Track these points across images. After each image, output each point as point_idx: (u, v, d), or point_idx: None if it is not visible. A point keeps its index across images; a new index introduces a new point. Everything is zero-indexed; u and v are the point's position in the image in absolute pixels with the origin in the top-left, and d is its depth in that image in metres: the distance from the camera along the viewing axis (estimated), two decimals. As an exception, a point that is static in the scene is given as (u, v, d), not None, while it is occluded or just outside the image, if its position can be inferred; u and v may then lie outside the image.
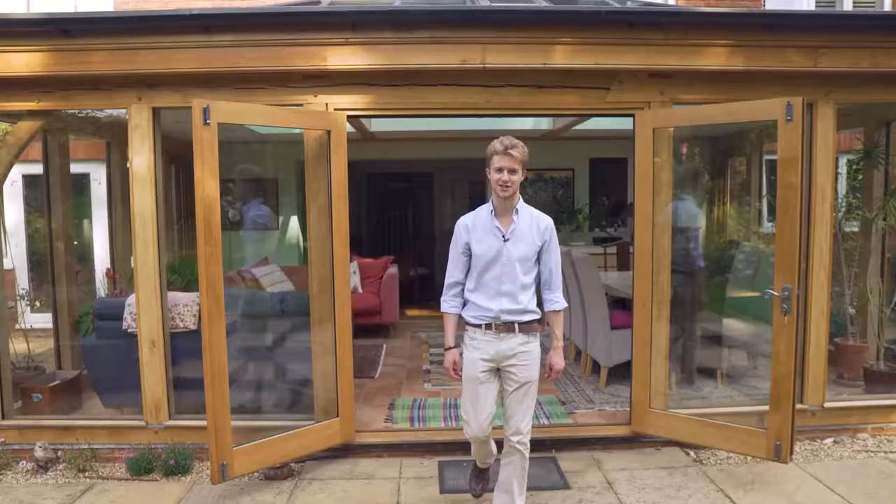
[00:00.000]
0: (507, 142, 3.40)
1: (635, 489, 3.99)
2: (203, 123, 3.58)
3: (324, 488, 4.07)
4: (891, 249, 8.53)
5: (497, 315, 3.43)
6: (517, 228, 3.47)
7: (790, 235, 3.84)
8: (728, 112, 4.24)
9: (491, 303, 3.45)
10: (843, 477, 4.13)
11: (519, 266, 3.44)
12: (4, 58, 4.14)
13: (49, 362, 5.79)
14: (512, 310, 3.43)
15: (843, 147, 6.56)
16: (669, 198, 4.49)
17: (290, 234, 9.31)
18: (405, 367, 6.52)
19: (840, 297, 5.69)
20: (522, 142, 3.43)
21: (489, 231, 3.48)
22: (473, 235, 3.51)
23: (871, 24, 4.43)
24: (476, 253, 3.48)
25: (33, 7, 9.07)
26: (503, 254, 3.44)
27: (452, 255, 3.60)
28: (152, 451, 4.36)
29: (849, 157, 6.97)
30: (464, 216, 3.62)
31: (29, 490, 4.13)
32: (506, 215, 3.49)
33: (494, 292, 3.45)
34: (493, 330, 3.45)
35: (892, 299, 5.67)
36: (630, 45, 4.24)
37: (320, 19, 4.19)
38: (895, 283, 5.83)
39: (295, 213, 9.26)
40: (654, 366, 4.50)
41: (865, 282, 5.63)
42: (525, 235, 3.47)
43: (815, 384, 4.66)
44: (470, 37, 4.17)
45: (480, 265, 3.47)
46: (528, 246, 3.47)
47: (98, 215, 8.38)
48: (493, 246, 3.45)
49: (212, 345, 3.67)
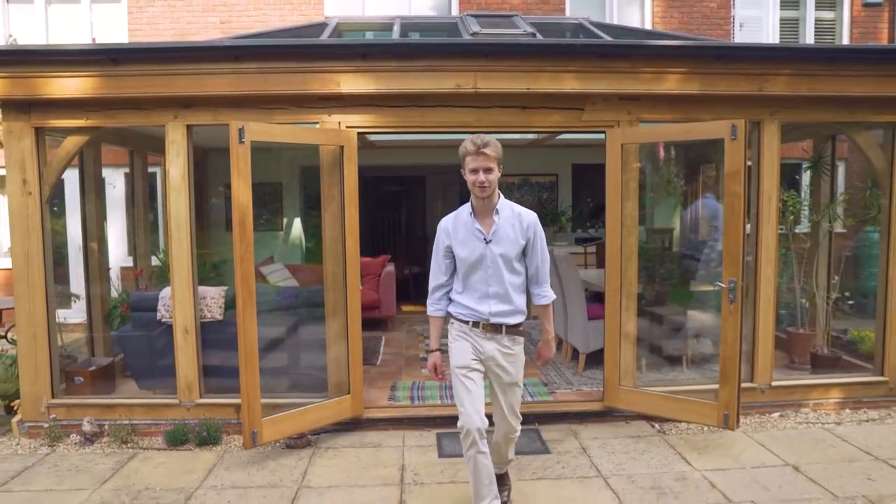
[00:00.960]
0: (478, 141, 3.30)
1: (605, 453, 4.67)
2: (239, 141, 4.23)
3: (338, 455, 4.72)
4: (848, 248, 9.33)
5: (487, 317, 3.44)
6: (499, 229, 3.41)
7: (735, 236, 4.53)
8: (683, 131, 4.95)
9: (479, 305, 3.44)
10: (783, 442, 4.82)
11: (504, 267, 3.42)
12: (60, 82, 4.77)
13: (78, 352, 6.38)
14: (502, 311, 3.44)
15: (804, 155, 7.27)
16: (637, 204, 5.16)
17: (293, 234, 9.92)
18: (403, 356, 7.17)
19: (792, 292, 6.42)
20: (501, 145, 3.38)
21: (470, 233, 3.43)
22: (455, 238, 3.47)
23: (807, 55, 5.13)
24: (460, 256, 3.45)
25: (51, 33, 9.65)
26: (487, 255, 3.40)
27: (435, 257, 3.58)
28: (186, 425, 4.99)
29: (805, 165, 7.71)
30: (444, 218, 3.59)
31: (81, 458, 4.75)
32: (486, 216, 3.43)
33: (481, 294, 3.44)
34: (481, 329, 3.45)
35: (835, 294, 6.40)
36: (602, 72, 4.93)
37: (334, 50, 4.85)
38: (846, 279, 6.56)
39: (298, 216, 9.89)
40: (623, 349, 5.19)
41: (813, 278, 6.34)
42: (508, 235, 3.42)
43: (763, 366, 5.36)
44: (463, 65, 4.84)
45: (464, 268, 3.46)
46: (512, 245, 3.43)
47: (112, 217, 8.94)
48: (475, 249, 3.41)
49: (245, 329, 4.31)
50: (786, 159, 6.90)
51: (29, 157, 4.96)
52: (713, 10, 9.96)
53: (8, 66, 4.76)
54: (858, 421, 5.26)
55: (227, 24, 9.53)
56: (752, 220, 5.31)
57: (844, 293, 8.22)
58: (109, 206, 9.21)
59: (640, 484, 4.14)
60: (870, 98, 5.14)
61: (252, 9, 9.50)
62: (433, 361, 3.62)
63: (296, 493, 4.07)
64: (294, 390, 5.51)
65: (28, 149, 4.95)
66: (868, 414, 5.40)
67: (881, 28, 10.20)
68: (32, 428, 5.11)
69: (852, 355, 6.20)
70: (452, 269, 3.55)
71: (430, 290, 3.65)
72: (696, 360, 6.46)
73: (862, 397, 5.50)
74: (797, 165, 8.44)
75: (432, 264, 3.62)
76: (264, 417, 4.52)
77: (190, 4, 9.50)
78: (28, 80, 4.78)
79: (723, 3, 10.01)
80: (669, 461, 4.52)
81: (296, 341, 5.84)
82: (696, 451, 4.69)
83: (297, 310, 5.88)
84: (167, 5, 9.50)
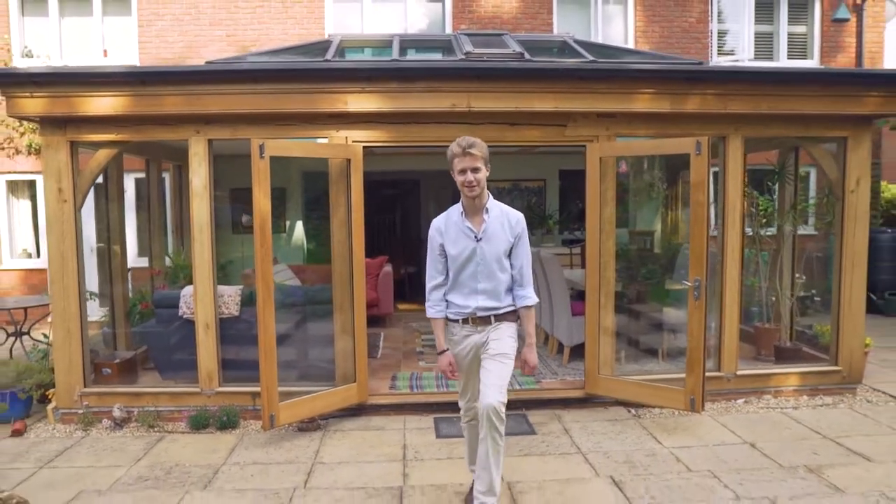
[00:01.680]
0: (464, 143, 3.46)
1: (585, 434, 5.23)
2: (259, 157, 4.77)
3: (345, 436, 5.26)
4: (819, 250, 9.96)
5: (473, 311, 3.60)
6: (489, 227, 3.56)
7: (699, 239, 5.10)
8: (655, 146, 5.52)
9: (467, 300, 3.60)
10: (744, 425, 5.40)
11: (494, 264, 3.56)
12: (95, 101, 5.29)
13: (97, 346, 6.86)
14: (489, 307, 3.60)
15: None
16: (614, 210, 5.71)
17: (295, 236, 10.45)
18: (401, 350, 7.72)
19: (759, 290, 7.01)
20: (491, 151, 3.58)
21: (461, 232, 3.57)
22: (447, 237, 3.61)
23: (766, 77, 5.72)
24: (451, 254, 3.60)
25: (64, 45, 10.15)
26: (477, 253, 3.55)
27: (430, 258, 3.71)
28: (207, 411, 5.51)
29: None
30: (436, 219, 3.73)
31: (114, 440, 5.27)
32: (476, 215, 3.58)
33: (470, 290, 3.59)
34: (471, 324, 3.61)
35: (802, 292, 6.98)
36: (582, 93, 5.49)
37: (343, 73, 5.39)
38: (816, 279, 7.14)
39: (300, 219, 10.42)
40: (601, 342, 5.75)
41: (776, 277, 6.92)
42: (497, 233, 3.57)
43: (729, 356, 5.92)
44: (458, 87, 5.39)
45: (455, 265, 3.60)
46: (501, 243, 3.58)
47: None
48: (467, 246, 3.56)
49: (265, 323, 4.85)
50: (763, 166, 7.53)
51: (64, 168, 5.47)
52: (692, 24, 10.55)
53: (48, 87, 5.28)
54: (814, 406, 5.84)
55: (232, 36, 10.05)
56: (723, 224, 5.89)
57: (811, 291, 8.85)
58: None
59: (615, 459, 4.70)
60: (822, 115, 5.73)
61: (256, 23, 10.02)
62: (447, 360, 3.67)
63: (311, 468, 4.61)
64: (304, 380, 6.04)
65: (64, 160, 5.46)
66: (823, 400, 5.98)
67: (849, 42, 10.82)
68: (66, 414, 5.62)
69: (814, 348, 6.78)
70: (447, 267, 3.68)
71: (429, 292, 3.74)
72: (671, 352, 7.03)
73: (818, 385, 6.08)
74: (771, 171, 9.05)
75: (427, 265, 3.74)
76: (280, 402, 5.06)
77: (197, 18, 10.01)
78: (66, 99, 5.30)
79: (701, 18, 10.61)
80: (642, 440, 5.08)
81: (305, 335, 6.37)
82: (667, 432, 5.25)
83: (306, 307, 6.40)
84: (175, 19, 10.00)
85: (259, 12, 10.05)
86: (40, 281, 10.20)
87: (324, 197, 5.67)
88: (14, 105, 5.34)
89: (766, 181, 7.48)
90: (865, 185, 5.95)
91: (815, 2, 10.88)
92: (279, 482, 4.37)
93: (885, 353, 7.67)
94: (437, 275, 3.69)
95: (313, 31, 10.05)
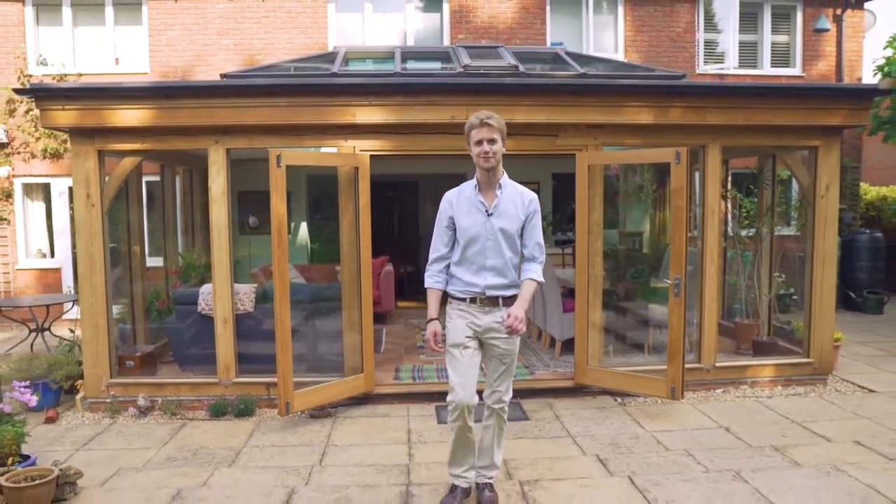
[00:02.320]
0: (482, 115, 3.50)
1: (575, 419, 5.69)
2: (277, 166, 5.21)
3: (354, 423, 5.71)
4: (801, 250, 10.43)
5: (482, 290, 3.55)
6: (500, 203, 3.55)
7: (679, 241, 5.56)
8: (638, 156, 5.99)
9: (475, 278, 3.55)
10: (721, 411, 5.87)
11: (504, 240, 3.53)
12: (122, 114, 5.73)
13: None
14: (497, 284, 3.55)
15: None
16: (601, 215, 6.17)
17: (299, 237, 10.88)
18: (403, 345, 8.17)
19: (741, 288, 7.49)
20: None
21: (473, 205, 3.56)
22: (458, 209, 3.59)
23: (742, 91, 6.20)
24: (460, 226, 3.56)
25: (77, 52, 10.57)
26: (487, 228, 3.51)
27: (437, 229, 3.67)
28: (225, 400, 5.96)
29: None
30: (449, 191, 3.72)
31: (139, 428, 5.71)
32: (489, 189, 3.57)
33: (479, 267, 3.54)
34: (478, 304, 3.57)
35: (781, 289, 7.46)
36: (572, 106, 5.95)
37: (352, 88, 5.84)
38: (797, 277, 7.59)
39: (304, 220, 10.85)
40: (590, 336, 6.21)
41: (755, 275, 7.40)
42: (508, 210, 3.55)
43: (708, 349, 6.39)
44: (457, 100, 5.84)
45: (464, 239, 3.56)
46: (512, 220, 3.55)
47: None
48: (477, 220, 3.53)
49: (281, 317, 5.30)
50: (748, 170, 8.01)
51: (92, 175, 5.90)
52: (679, 34, 11.04)
53: (78, 100, 5.71)
54: (787, 395, 6.31)
55: (239, 45, 10.49)
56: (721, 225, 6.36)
57: (791, 289, 9.32)
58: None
59: (601, 441, 5.17)
60: (795, 126, 6.20)
61: (262, 32, 10.47)
62: (432, 329, 3.64)
63: (324, 449, 5.07)
64: (313, 371, 6.48)
65: (92, 168, 5.90)
66: (795, 389, 6.46)
67: (830, 51, 11.33)
68: (94, 403, 6.05)
69: (790, 342, 7.23)
70: (453, 241, 3.66)
71: (430, 261, 3.73)
72: (656, 346, 7.49)
73: (791, 376, 6.56)
74: (753, 175, 9.55)
75: (434, 236, 3.70)
76: (296, 391, 5.51)
77: (205, 28, 10.45)
78: (95, 112, 5.74)
79: (688, 28, 11.10)
80: (626, 425, 5.55)
81: (314, 330, 6.82)
82: (649, 418, 5.72)
83: (313, 304, 6.83)
84: (185, 29, 10.44)
85: (265, 22, 10.49)
86: (54, 280, 10.64)
87: (325, 199, 6.11)
88: (47, 117, 5.76)
89: (746, 185, 7.96)
90: (835, 190, 6.42)
91: (797, 12, 11.38)
92: (297, 461, 4.82)
93: (858, 347, 8.17)
94: (442, 247, 3.68)
95: (317, 40, 10.50)
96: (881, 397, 6.17)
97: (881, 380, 6.70)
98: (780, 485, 4.23)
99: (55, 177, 10.54)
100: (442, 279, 3.69)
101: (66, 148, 10.29)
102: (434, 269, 3.71)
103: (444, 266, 3.69)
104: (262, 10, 10.50)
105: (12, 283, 10.51)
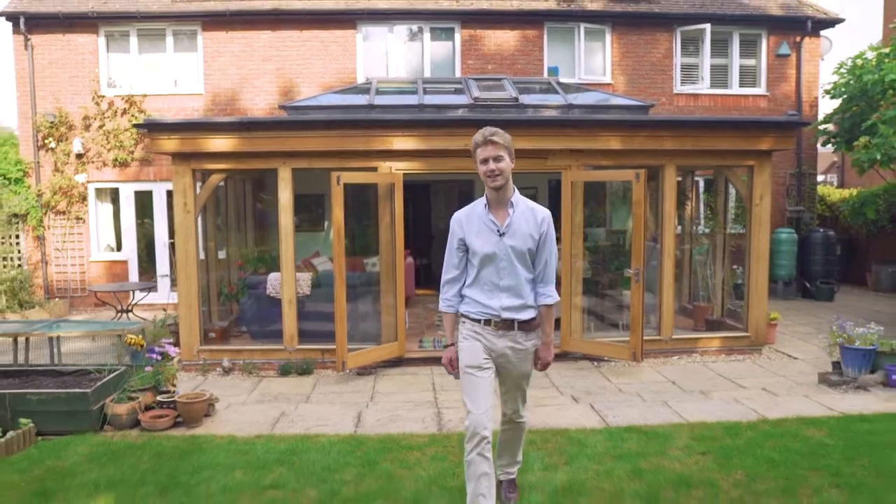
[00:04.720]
0: (487, 132, 3.33)
1: (560, 377, 7.45)
2: (337, 184, 6.98)
3: (391, 379, 7.48)
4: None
5: (498, 313, 3.39)
6: (513, 222, 3.37)
7: (638, 241, 7.31)
8: (608, 175, 7.76)
9: (490, 300, 3.40)
10: (673, 372, 7.62)
11: (517, 260, 3.36)
12: (212, 141, 7.50)
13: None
14: (512, 306, 3.38)
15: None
16: (582, 219, 7.93)
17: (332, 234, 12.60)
18: (423, 323, 9.95)
19: (696, 278, 9.25)
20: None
21: (484, 225, 3.38)
22: (469, 230, 3.42)
23: (688, 124, 7.96)
24: (472, 248, 3.40)
25: (142, 76, 12.33)
26: (500, 248, 3.34)
27: (448, 250, 3.53)
28: (290, 362, 7.74)
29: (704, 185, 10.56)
30: (459, 211, 3.55)
31: (225, 383, 7.49)
32: (500, 208, 3.39)
33: (493, 287, 3.38)
34: (493, 326, 3.40)
35: (726, 278, 9.22)
36: (558, 136, 7.70)
37: (390, 123, 7.61)
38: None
39: (335, 220, 12.58)
40: (572, 315, 7.97)
41: (707, 267, 9.16)
42: (521, 229, 3.37)
43: (666, 324, 8.15)
44: (469, 132, 7.47)
45: (477, 260, 3.40)
46: (526, 239, 3.37)
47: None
48: (489, 241, 3.35)
49: (339, 297, 7.08)
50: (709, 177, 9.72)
51: (188, 188, 7.68)
52: (659, 59, 12.75)
53: (179, 132, 7.50)
54: (728, 361, 8.06)
55: (280, 70, 12.26)
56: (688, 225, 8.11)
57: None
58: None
59: (577, 389, 6.93)
60: (733, 150, 7.94)
61: (301, 59, 12.23)
62: (448, 356, 3.58)
63: (372, 395, 6.85)
64: (355, 341, 8.25)
65: (188, 183, 7.67)
66: (736, 357, 8.21)
67: (791, 73, 13.03)
68: (187, 365, 7.84)
69: (737, 321, 8.99)
70: (465, 262, 3.52)
71: (443, 286, 3.60)
72: (628, 324, 9.23)
73: (733, 346, 8.31)
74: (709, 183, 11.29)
75: (445, 258, 3.59)
76: (348, 353, 7.30)
77: (252, 56, 12.21)
78: (192, 140, 7.51)
79: (667, 54, 12.81)
80: (598, 379, 7.31)
81: (355, 308, 8.60)
82: (617, 375, 7.49)
83: (354, 288, 8.61)
84: (234, 56, 12.21)
85: (302, 50, 12.25)
86: (122, 271, 12.45)
87: (353, 202, 7.79)
88: (155, 144, 7.55)
89: (704, 192, 9.72)
90: (767, 200, 8.16)
91: (762, 39, 13.08)
92: (353, 400, 6.61)
93: (800, 327, 9.93)
94: (453, 269, 3.55)
95: (347, 66, 12.25)
96: (800, 363, 7.93)
97: (805, 350, 8.46)
98: (692, 407, 6.02)
99: (122, 182, 12.33)
100: (456, 302, 3.58)
101: (133, 157, 12.11)
102: (449, 294, 3.59)
103: (458, 289, 3.57)
104: (300, 40, 12.24)
105: (87, 274, 12.32)
